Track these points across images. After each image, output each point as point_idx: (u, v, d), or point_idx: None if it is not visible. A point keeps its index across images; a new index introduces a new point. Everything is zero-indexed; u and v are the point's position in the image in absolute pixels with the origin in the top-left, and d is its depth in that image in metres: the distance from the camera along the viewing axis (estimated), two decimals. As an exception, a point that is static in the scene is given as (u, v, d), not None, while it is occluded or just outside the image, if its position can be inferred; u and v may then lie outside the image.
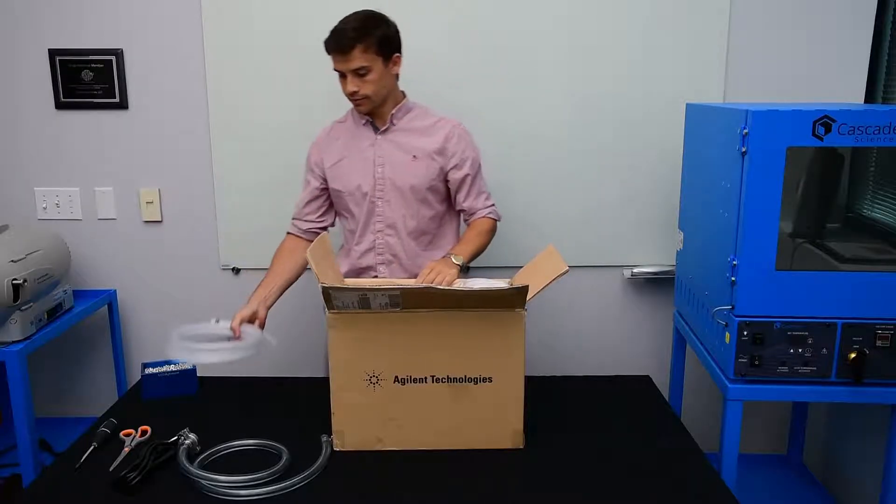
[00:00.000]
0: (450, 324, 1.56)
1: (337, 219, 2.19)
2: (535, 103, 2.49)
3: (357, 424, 1.61)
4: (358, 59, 1.89)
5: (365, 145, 2.06)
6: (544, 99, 2.49)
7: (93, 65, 2.50)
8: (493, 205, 2.14)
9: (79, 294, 2.56)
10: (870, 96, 2.44)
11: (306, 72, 2.48)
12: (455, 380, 1.59)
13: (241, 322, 1.85)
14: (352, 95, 1.96)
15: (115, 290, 2.67)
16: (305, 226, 2.14)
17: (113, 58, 2.50)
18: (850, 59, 2.42)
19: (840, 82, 2.44)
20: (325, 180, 2.11)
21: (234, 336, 1.82)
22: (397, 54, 1.99)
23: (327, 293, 1.52)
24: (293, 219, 2.17)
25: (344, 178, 2.06)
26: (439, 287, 1.57)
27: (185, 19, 2.46)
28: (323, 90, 2.48)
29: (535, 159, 2.53)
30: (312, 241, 2.01)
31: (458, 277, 1.89)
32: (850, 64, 2.43)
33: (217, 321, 1.87)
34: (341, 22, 1.93)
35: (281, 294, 2.04)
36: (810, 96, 2.45)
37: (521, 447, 1.64)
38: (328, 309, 1.56)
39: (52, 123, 2.56)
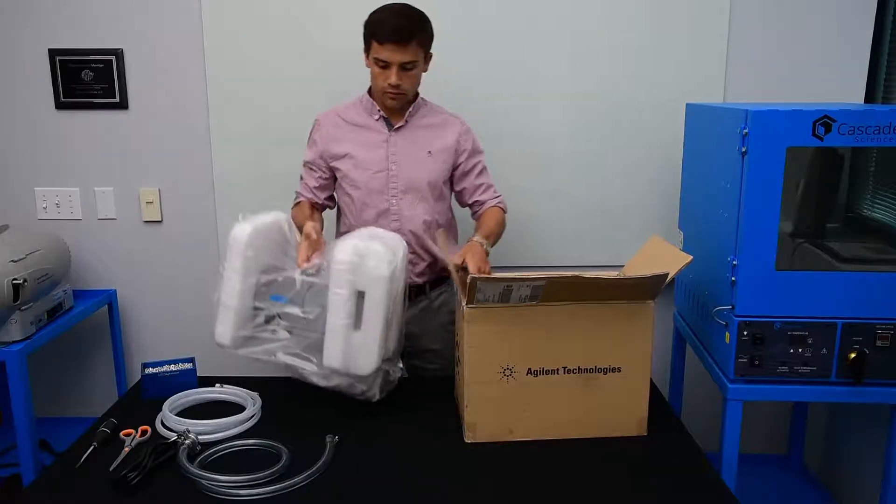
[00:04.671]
0: (583, 316, 1.61)
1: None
2: (536, 103, 2.49)
3: (490, 416, 1.64)
4: (412, 52, 1.89)
5: (378, 141, 2.03)
6: (544, 99, 2.49)
7: (93, 65, 2.50)
8: (500, 196, 2.17)
9: (79, 294, 2.55)
10: (870, 96, 2.44)
11: (306, 72, 2.48)
12: (585, 370, 1.63)
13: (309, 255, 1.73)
14: (392, 88, 1.93)
15: (115, 290, 2.67)
16: (317, 202, 2.12)
17: (113, 58, 2.50)
18: (850, 59, 2.42)
19: (840, 82, 2.44)
20: (331, 169, 2.08)
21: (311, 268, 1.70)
22: (431, 53, 2.00)
23: (473, 284, 1.53)
24: (304, 195, 2.12)
25: (354, 174, 2.03)
26: (586, 276, 1.55)
27: (185, 19, 2.46)
28: (323, 90, 2.48)
29: (535, 159, 2.53)
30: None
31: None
32: (850, 64, 2.42)
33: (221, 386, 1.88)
34: (391, 13, 1.90)
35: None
36: (810, 96, 2.45)
37: (646, 434, 1.68)
38: (467, 303, 1.58)
39: (52, 123, 2.56)
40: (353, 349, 1.63)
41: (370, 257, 1.62)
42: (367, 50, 1.95)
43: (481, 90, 2.48)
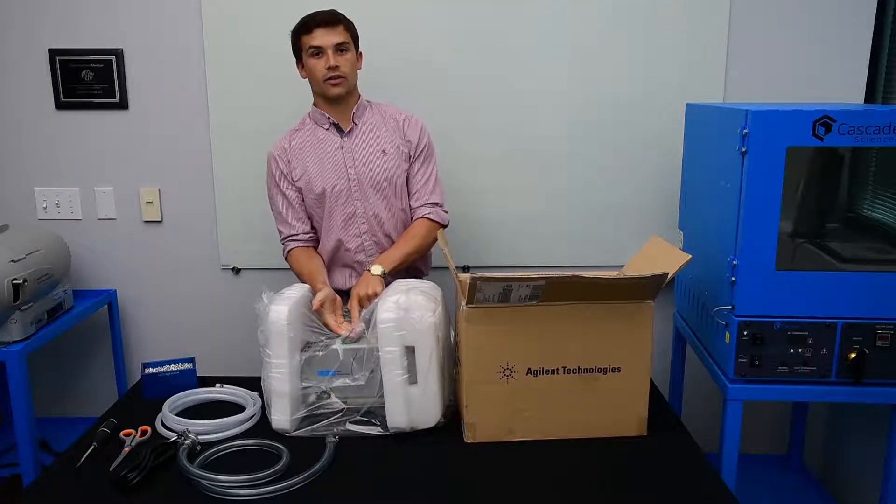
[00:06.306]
0: (583, 316, 1.60)
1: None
2: (535, 104, 2.49)
3: (489, 416, 1.64)
4: (341, 33, 1.97)
5: (332, 149, 2.06)
6: (544, 99, 2.49)
7: (93, 65, 2.50)
8: (437, 204, 2.12)
9: (79, 294, 2.56)
10: (870, 96, 2.44)
11: (306, 72, 2.47)
12: (585, 370, 1.64)
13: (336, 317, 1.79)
14: (331, 72, 1.97)
15: (115, 290, 2.67)
16: (306, 237, 2.12)
17: (113, 58, 2.50)
18: (850, 59, 2.42)
19: (840, 82, 2.44)
20: (300, 190, 2.09)
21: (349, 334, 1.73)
22: (360, 50, 2.06)
23: (474, 285, 1.53)
24: (290, 238, 2.11)
25: (317, 187, 2.05)
26: (585, 276, 1.55)
27: (185, 19, 2.46)
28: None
29: (535, 160, 2.53)
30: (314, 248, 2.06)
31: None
32: (850, 64, 2.42)
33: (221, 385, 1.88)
34: (312, 13, 2.00)
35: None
36: (810, 96, 2.45)
37: (646, 434, 1.67)
38: (466, 303, 1.58)
39: (52, 123, 2.56)
40: (414, 405, 1.64)
41: (413, 310, 1.62)
42: (300, 57, 2.03)
43: (481, 91, 2.48)
